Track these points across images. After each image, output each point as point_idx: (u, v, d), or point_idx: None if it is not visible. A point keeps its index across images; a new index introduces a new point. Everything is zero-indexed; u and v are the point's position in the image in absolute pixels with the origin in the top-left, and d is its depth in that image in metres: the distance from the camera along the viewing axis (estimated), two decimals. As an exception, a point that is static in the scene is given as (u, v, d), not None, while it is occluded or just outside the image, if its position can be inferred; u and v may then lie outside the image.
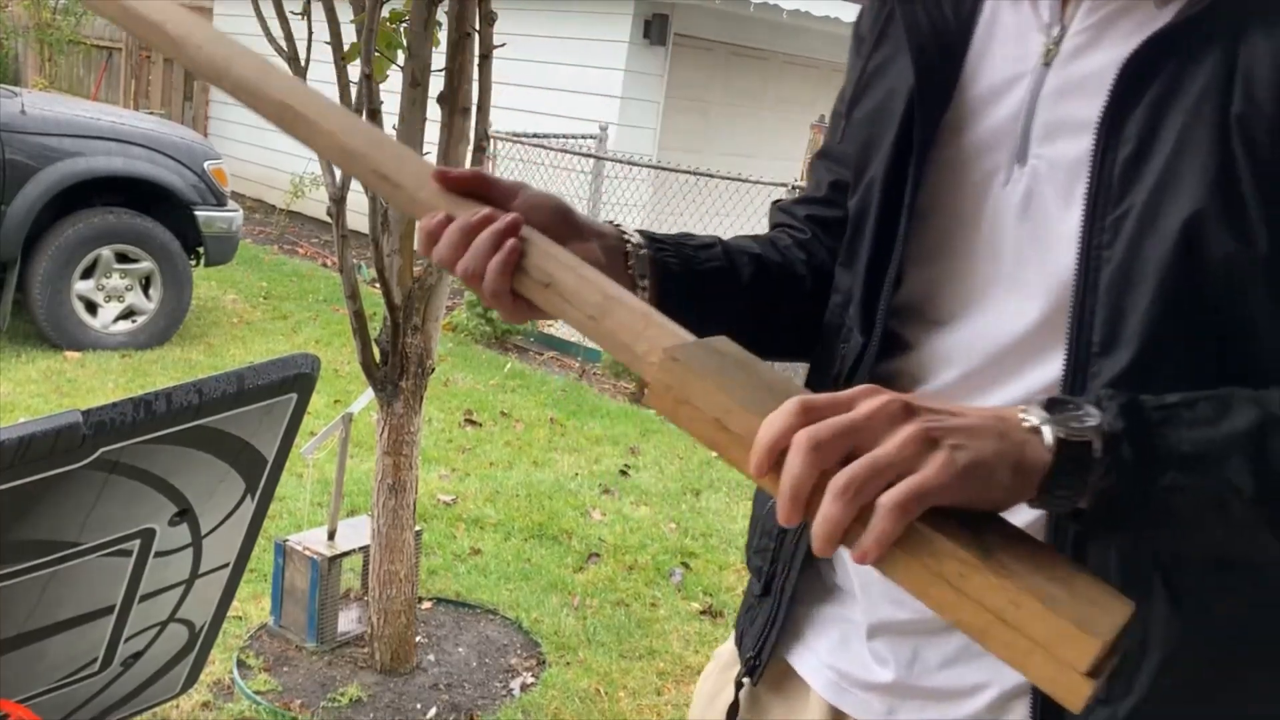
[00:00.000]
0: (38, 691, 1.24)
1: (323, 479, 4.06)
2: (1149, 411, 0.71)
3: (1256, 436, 0.71)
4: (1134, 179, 0.82)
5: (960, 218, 0.93)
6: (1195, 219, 0.79)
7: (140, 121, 6.02)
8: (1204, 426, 0.71)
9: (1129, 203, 0.82)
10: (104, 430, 0.98)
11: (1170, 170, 0.80)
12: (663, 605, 3.51)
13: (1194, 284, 0.79)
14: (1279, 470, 0.70)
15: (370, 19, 2.38)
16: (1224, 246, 0.78)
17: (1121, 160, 0.82)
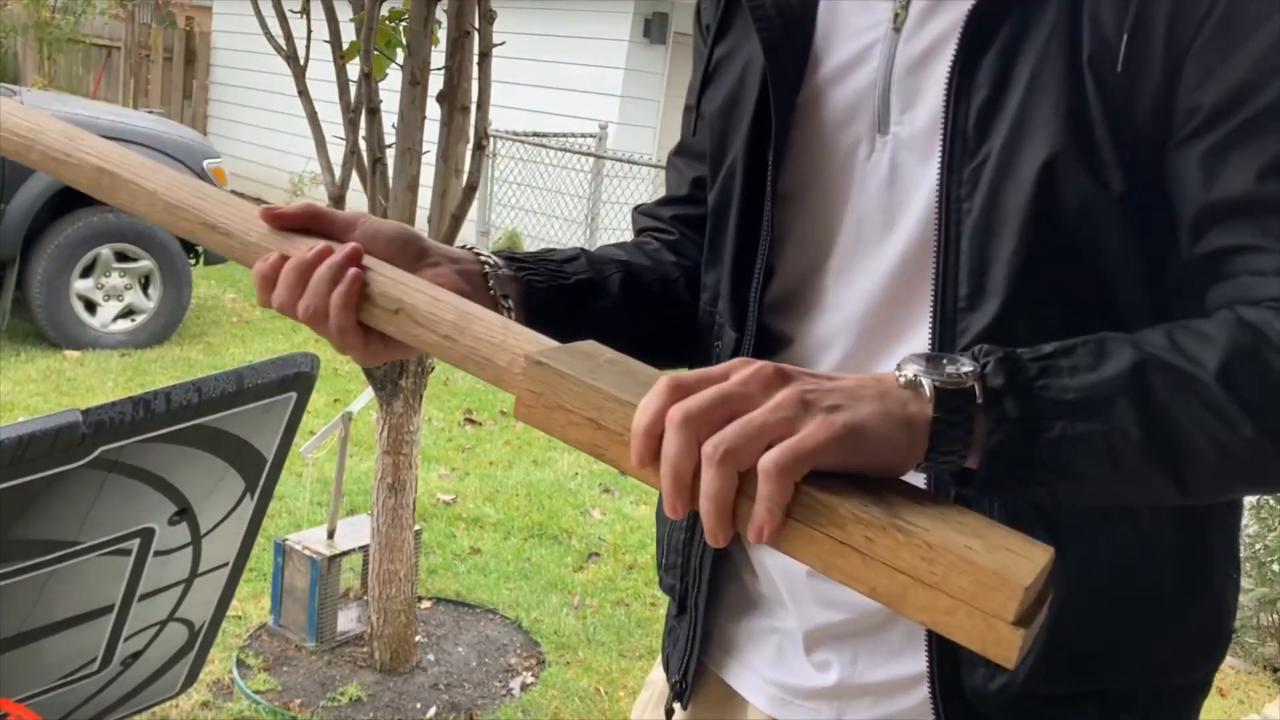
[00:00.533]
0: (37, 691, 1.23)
1: (322, 478, 4.06)
2: (1026, 364, 0.69)
3: (1137, 376, 0.69)
4: (989, 127, 0.80)
5: (826, 197, 0.90)
6: (1050, 162, 0.77)
7: (139, 120, 6.02)
8: (1084, 373, 0.69)
9: (985, 150, 0.80)
10: (103, 429, 0.98)
11: (1024, 114, 0.79)
12: (663, 605, 3.50)
13: (1054, 230, 0.78)
14: (1164, 407, 0.69)
15: (369, 17, 2.38)
16: (1080, 189, 0.77)
17: (975, 108, 0.81)
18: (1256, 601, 3.61)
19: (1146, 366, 0.70)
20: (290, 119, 8.87)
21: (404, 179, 2.64)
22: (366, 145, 2.50)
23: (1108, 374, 0.69)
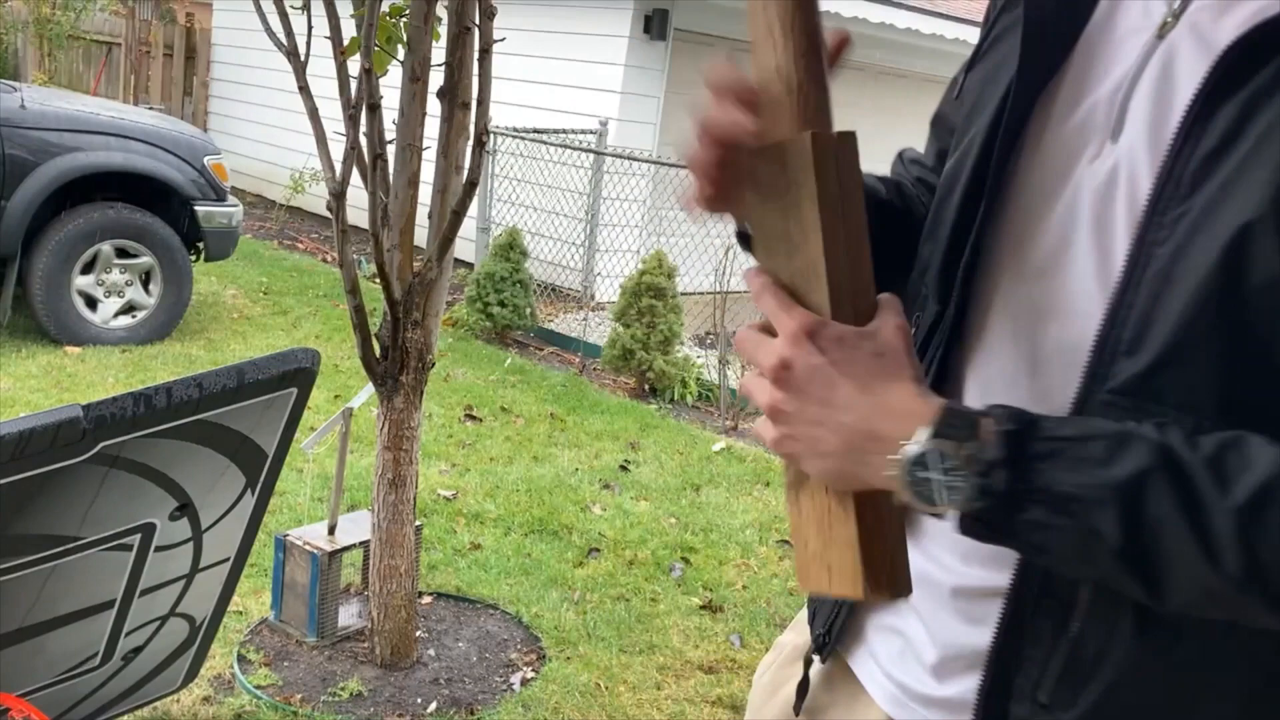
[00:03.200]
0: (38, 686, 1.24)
1: (323, 474, 4.07)
2: (1036, 443, 0.70)
3: (1137, 485, 0.69)
4: (1204, 177, 0.76)
5: (1044, 190, 0.88)
6: (1246, 228, 0.72)
7: (140, 117, 6.01)
8: (1089, 468, 0.70)
9: (1192, 201, 0.76)
10: (104, 425, 0.98)
11: (1239, 173, 0.74)
12: (663, 600, 3.51)
13: (1230, 297, 0.73)
14: (1154, 524, 0.68)
15: (370, 13, 2.38)
16: (1269, 264, 0.72)
17: (1199, 156, 0.76)
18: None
19: (1150, 477, 0.69)
20: (291, 115, 8.86)
21: (405, 175, 2.64)
22: (367, 141, 2.50)
23: (1108, 477, 0.69)
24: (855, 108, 8.69)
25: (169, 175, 5.54)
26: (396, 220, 2.63)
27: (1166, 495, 0.68)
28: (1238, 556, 0.67)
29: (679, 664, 3.13)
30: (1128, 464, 0.69)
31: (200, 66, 11.45)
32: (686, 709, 2.90)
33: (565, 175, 7.19)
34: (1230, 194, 0.74)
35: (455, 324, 6.57)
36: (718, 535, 4.08)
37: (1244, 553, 0.67)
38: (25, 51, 12.57)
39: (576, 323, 6.86)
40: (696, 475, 4.67)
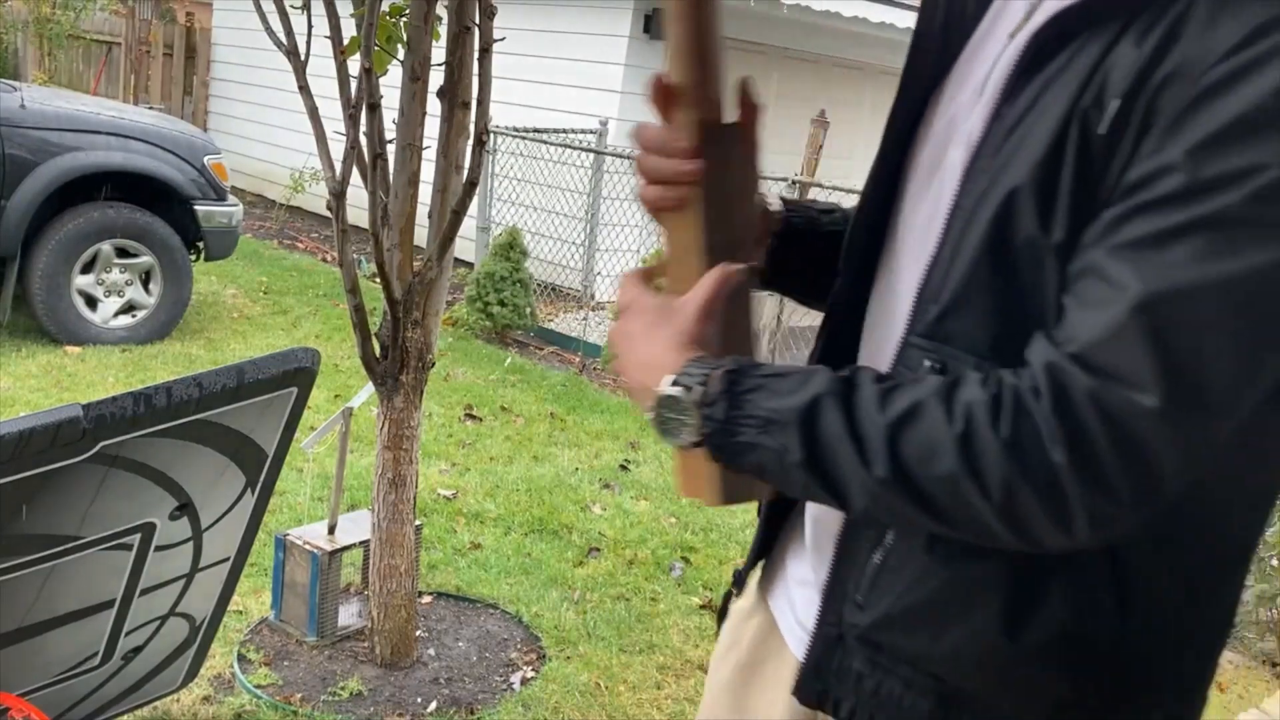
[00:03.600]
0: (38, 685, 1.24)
1: (323, 473, 4.07)
2: (748, 379, 0.89)
3: (813, 410, 0.85)
4: (1000, 149, 0.88)
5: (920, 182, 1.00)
6: (1013, 194, 0.85)
7: (140, 116, 6.01)
8: (781, 397, 0.86)
9: (992, 169, 0.88)
10: (104, 424, 0.98)
11: (1019, 144, 0.86)
12: (663, 599, 3.51)
13: (1001, 256, 0.86)
14: (827, 441, 0.84)
15: (370, 13, 2.38)
16: (1027, 225, 0.84)
17: (1001, 130, 0.89)
18: (1255, 598, 3.61)
19: (824, 400, 0.85)
20: (291, 114, 8.85)
21: (405, 175, 2.64)
22: (367, 141, 2.50)
23: (792, 403, 0.86)
24: (857, 107, 8.70)
25: (169, 175, 5.54)
26: (396, 220, 2.62)
27: (835, 414, 0.85)
28: (885, 461, 0.83)
29: (679, 663, 3.13)
30: (809, 391, 0.86)
31: (200, 66, 11.44)
32: (686, 708, 2.90)
33: (565, 175, 7.19)
34: (1010, 163, 0.86)
35: (455, 323, 6.57)
36: (718, 535, 4.08)
37: (890, 458, 0.82)
38: (25, 51, 12.58)
39: (577, 322, 6.86)
40: (696, 475, 4.67)
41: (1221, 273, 0.76)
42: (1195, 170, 0.76)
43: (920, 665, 0.94)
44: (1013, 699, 0.92)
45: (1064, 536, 0.81)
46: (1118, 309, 0.77)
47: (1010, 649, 0.90)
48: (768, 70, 8.58)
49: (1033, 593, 0.89)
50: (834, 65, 8.76)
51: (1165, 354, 0.76)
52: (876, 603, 0.96)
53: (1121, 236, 0.79)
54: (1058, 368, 0.79)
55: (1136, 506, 0.79)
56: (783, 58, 8.56)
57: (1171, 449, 0.77)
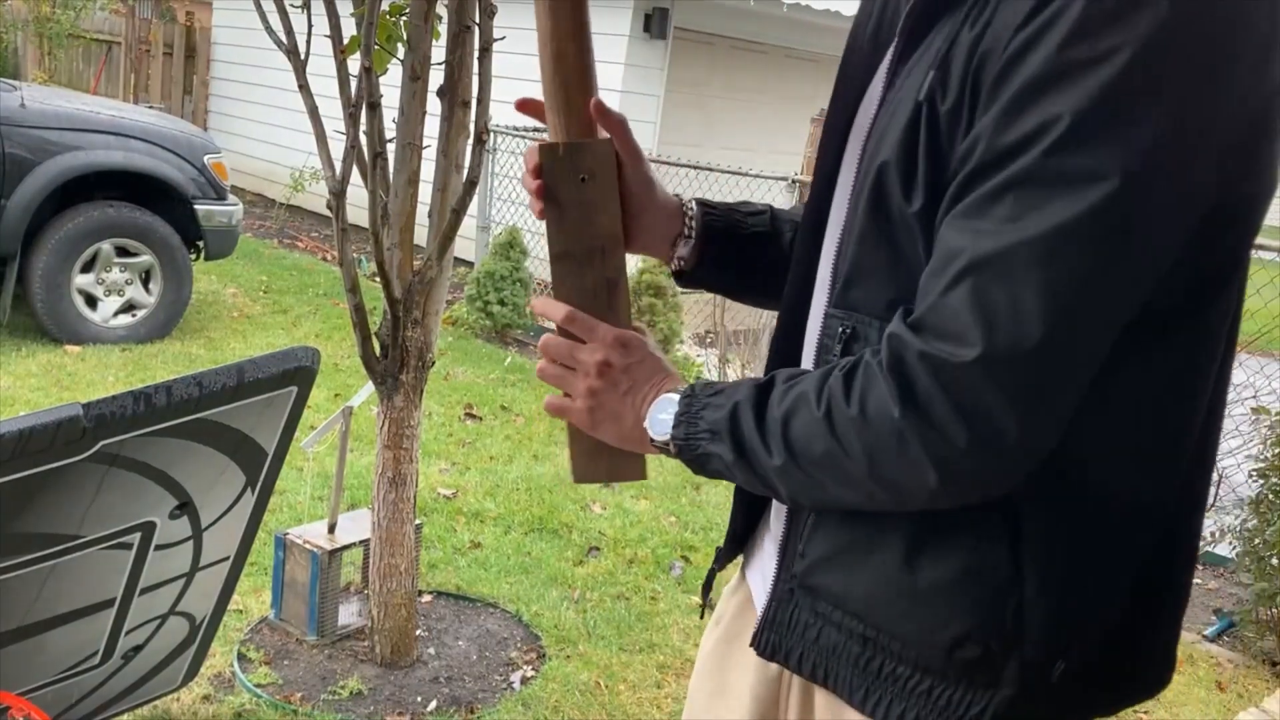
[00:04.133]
0: (38, 684, 1.24)
1: (323, 472, 4.07)
2: (699, 400, 1.01)
3: (733, 418, 0.98)
4: (883, 125, 0.96)
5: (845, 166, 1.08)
6: (882, 167, 0.94)
7: (140, 115, 6.01)
8: (716, 410, 0.99)
9: (876, 144, 0.97)
10: (104, 423, 0.98)
11: (889, 120, 0.95)
12: (663, 599, 3.51)
13: (881, 224, 0.95)
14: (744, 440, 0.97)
15: (370, 12, 2.38)
16: (896, 196, 0.93)
17: (889, 106, 0.97)
18: (1255, 596, 3.61)
19: (739, 409, 0.97)
20: (290, 114, 8.85)
21: (404, 174, 2.64)
22: (367, 140, 2.50)
23: (722, 414, 0.98)
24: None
25: (169, 174, 5.54)
26: (396, 219, 2.62)
27: (749, 418, 0.97)
28: (781, 450, 0.94)
29: (679, 662, 3.13)
30: (732, 400, 0.98)
31: (200, 65, 11.44)
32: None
33: (565, 174, 7.18)
34: (882, 140, 0.95)
35: (455, 323, 6.57)
36: (718, 534, 4.08)
37: (784, 448, 0.94)
38: (25, 50, 12.57)
39: (576, 321, 6.84)
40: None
41: (1026, 231, 0.82)
42: (998, 137, 0.84)
43: (845, 606, 1.03)
44: (917, 635, 0.98)
45: (925, 490, 0.89)
46: (945, 274, 0.86)
47: (909, 584, 0.97)
48: (767, 69, 8.58)
49: (929, 531, 0.96)
50: (834, 64, 8.73)
51: (980, 310, 0.83)
52: (810, 550, 1.06)
53: (956, 209, 0.87)
54: (895, 335, 0.89)
55: (979, 454, 0.86)
56: (783, 57, 8.56)
57: (997, 398, 0.84)
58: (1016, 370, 0.83)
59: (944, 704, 0.98)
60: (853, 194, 1.01)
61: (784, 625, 1.09)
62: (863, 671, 1.02)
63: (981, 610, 0.95)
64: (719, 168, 6.16)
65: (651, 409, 1.05)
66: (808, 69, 8.68)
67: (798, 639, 1.08)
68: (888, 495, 0.92)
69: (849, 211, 1.01)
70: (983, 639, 0.95)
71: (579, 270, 1.10)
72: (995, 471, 0.88)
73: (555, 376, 1.10)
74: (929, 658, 0.98)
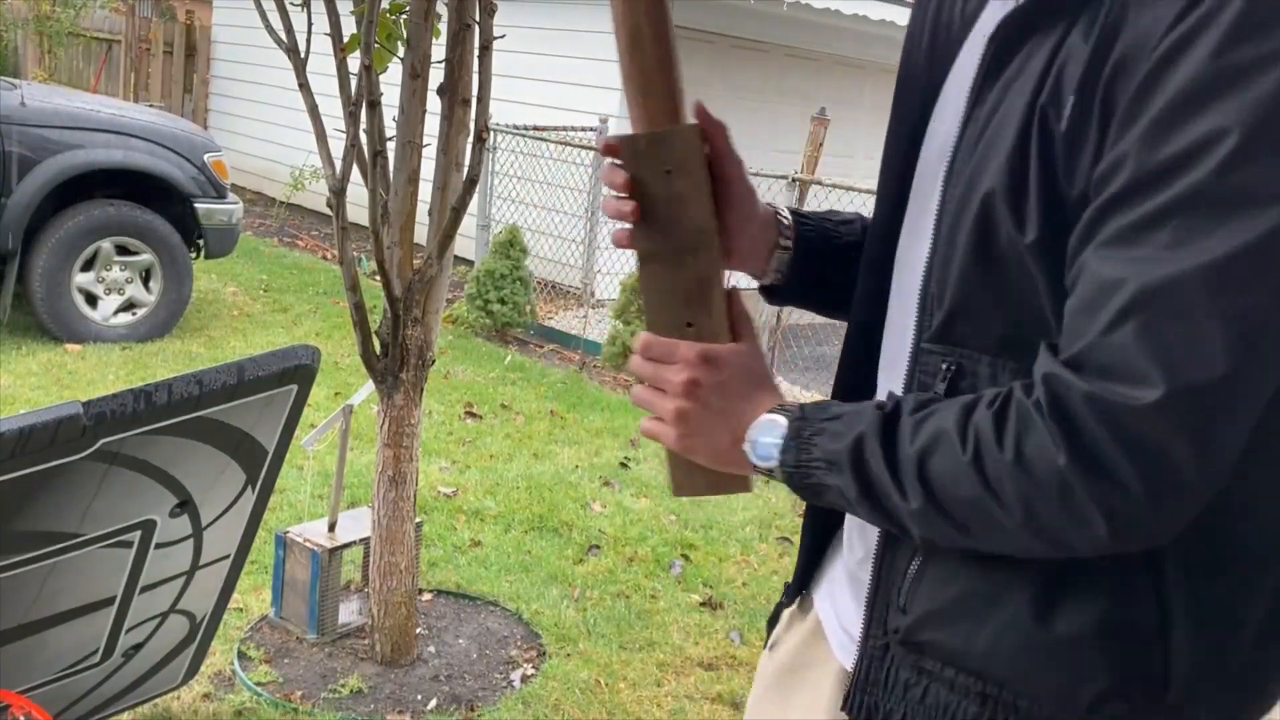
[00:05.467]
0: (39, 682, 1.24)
1: (323, 471, 4.07)
2: (812, 425, 0.94)
3: (858, 449, 0.89)
4: (973, 152, 0.91)
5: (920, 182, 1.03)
6: (988, 197, 0.87)
7: (140, 114, 6.01)
8: (836, 439, 0.91)
9: (967, 172, 0.91)
10: (104, 421, 0.98)
11: (989, 147, 0.88)
12: (663, 597, 3.52)
13: (985, 256, 0.89)
14: (870, 476, 0.89)
15: (370, 10, 2.38)
16: (1006, 228, 0.86)
17: (972, 133, 0.92)
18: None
19: (865, 442, 0.89)
20: (290, 112, 8.85)
21: (404, 172, 2.64)
22: (367, 138, 2.50)
23: (843, 445, 0.91)
24: (857, 105, 8.70)
25: (169, 173, 5.54)
26: (396, 217, 2.62)
27: (876, 452, 0.89)
28: (918, 492, 0.87)
29: (679, 661, 3.13)
30: (855, 431, 0.90)
31: (200, 64, 11.44)
32: (686, 705, 2.90)
33: (565, 172, 7.19)
34: (982, 167, 0.89)
35: (455, 321, 6.57)
36: (718, 532, 4.08)
37: (921, 489, 0.86)
38: (25, 49, 12.56)
39: (577, 320, 6.86)
40: (696, 472, 4.67)
41: (1199, 257, 0.75)
42: (1151, 155, 0.77)
43: (960, 663, 0.95)
44: (1052, 692, 0.91)
45: (1089, 539, 0.81)
46: (1106, 309, 0.78)
47: (1044, 638, 0.89)
48: (768, 68, 8.58)
49: (1064, 580, 0.89)
50: (835, 63, 8.75)
51: (1155, 348, 0.76)
52: (916, 604, 0.97)
53: (1101, 235, 0.80)
54: (1053, 376, 0.81)
55: (1155, 501, 0.79)
56: (783, 55, 8.56)
57: (1177, 440, 0.77)
58: (1197, 411, 0.77)
59: None
60: (943, 222, 0.94)
61: (879, 685, 1.01)
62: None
63: (1126, 662, 0.88)
64: (719, 166, 6.15)
65: (752, 431, 0.97)
66: (808, 68, 8.67)
67: (898, 700, 1.00)
68: (1044, 544, 0.84)
69: (943, 241, 0.93)
70: (1129, 694, 0.89)
71: (669, 272, 1.02)
72: (1168, 519, 0.81)
73: (645, 400, 1.03)
74: (1065, 715, 0.91)
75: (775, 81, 8.60)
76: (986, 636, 0.93)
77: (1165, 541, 0.84)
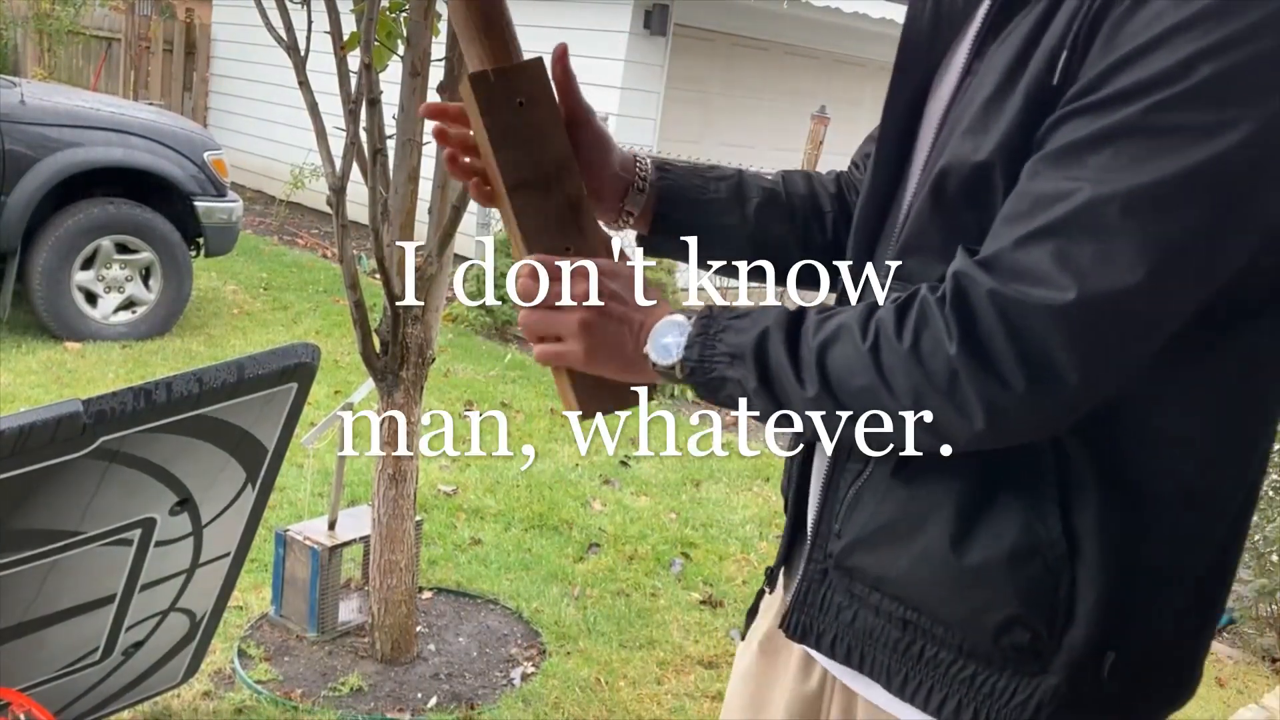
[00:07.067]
0: (39, 680, 1.24)
1: (323, 469, 4.07)
2: (718, 322, 0.96)
3: (760, 343, 0.93)
4: (966, 109, 0.94)
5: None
6: (961, 138, 0.92)
7: (140, 112, 6.01)
8: (740, 334, 0.94)
9: (955, 128, 0.94)
10: (104, 419, 0.98)
11: (970, 99, 0.93)
12: (663, 595, 3.52)
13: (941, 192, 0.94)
14: (771, 366, 0.92)
15: (370, 8, 2.37)
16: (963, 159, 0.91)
17: (966, 88, 0.96)
18: (1255, 592, 3.61)
19: (769, 334, 0.93)
20: (290, 110, 8.84)
21: (404, 170, 2.64)
22: (367, 136, 2.49)
23: (748, 338, 0.94)
24: (857, 103, 8.69)
25: (169, 171, 5.53)
26: (396, 216, 2.62)
27: (779, 343, 0.92)
28: (815, 380, 0.90)
29: (679, 659, 3.13)
30: (761, 324, 0.94)
31: (200, 62, 11.43)
32: (686, 704, 2.90)
33: (565, 171, 7.18)
34: (956, 127, 0.93)
35: (455, 319, 6.56)
36: (718, 530, 4.08)
37: (819, 377, 0.90)
38: (25, 47, 12.56)
39: (576, 318, 6.84)
40: (697, 471, 4.67)
41: (1129, 180, 0.80)
42: (1106, 84, 0.82)
43: (884, 588, 0.99)
44: (963, 618, 0.95)
45: (967, 431, 0.86)
46: (1031, 220, 0.83)
47: (957, 564, 0.94)
48: (768, 66, 8.57)
49: (980, 508, 0.93)
50: (835, 61, 8.74)
51: (1068, 259, 0.81)
52: (849, 529, 1.02)
53: (1047, 147, 0.84)
54: (962, 273, 0.86)
55: (1034, 401, 0.83)
56: (784, 54, 8.55)
57: (1067, 347, 0.81)
58: (1095, 323, 0.81)
59: (988, 691, 0.95)
60: (927, 174, 0.97)
61: (815, 606, 1.06)
62: (902, 656, 0.99)
63: (1032, 592, 0.91)
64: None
65: (655, 333, 0.98)
66: (808, 65, 8.67)
67: (830, 621, 1.04)
68: (926, 435, 0.88)
69: (921, 190, 0.98)
70: (1031, 623, 0.92)
71: (540, 198, 1.04)
72: (1044, 419, 0.85)
73: (543, 322, 1.02)
74: (975, 642, 0.95)
75: (775, 79, 8.59)
76: (905, 563, 0.97)
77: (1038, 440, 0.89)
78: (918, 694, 0.98)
